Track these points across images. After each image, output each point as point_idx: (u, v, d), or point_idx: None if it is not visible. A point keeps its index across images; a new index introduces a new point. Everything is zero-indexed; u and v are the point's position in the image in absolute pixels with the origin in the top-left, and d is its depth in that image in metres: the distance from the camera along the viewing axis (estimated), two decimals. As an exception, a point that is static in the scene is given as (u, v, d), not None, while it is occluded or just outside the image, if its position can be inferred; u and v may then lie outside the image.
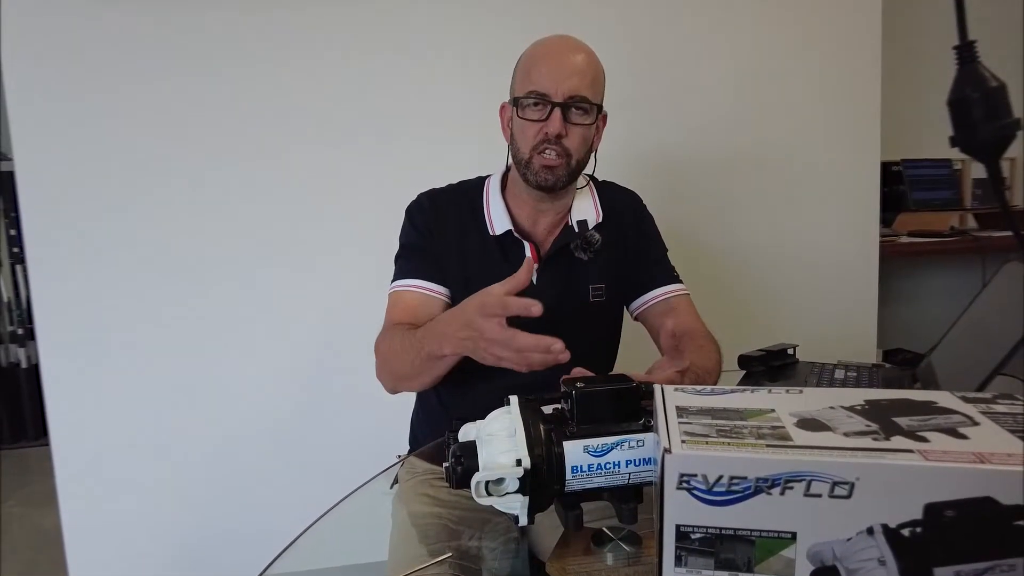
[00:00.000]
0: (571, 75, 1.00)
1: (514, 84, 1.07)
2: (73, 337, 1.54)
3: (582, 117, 1.01)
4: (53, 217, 1.51)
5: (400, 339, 0.99)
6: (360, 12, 1.58)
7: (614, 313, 1.16)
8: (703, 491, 0.43)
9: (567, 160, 1.02)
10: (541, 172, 1.02)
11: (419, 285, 1.07)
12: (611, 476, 0.58)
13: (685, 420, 0.48)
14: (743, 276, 1.86)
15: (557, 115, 0.99)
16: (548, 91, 0.99)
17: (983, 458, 0.41)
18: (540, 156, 1.01)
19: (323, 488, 0.88)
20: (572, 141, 1.02)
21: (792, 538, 0.42)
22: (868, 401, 0.50)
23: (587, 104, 1.01)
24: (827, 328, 1.87)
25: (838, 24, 1.82)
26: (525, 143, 1.02)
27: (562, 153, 1.01)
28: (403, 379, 1.02)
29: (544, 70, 1.00)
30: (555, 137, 1.00)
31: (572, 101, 1.00)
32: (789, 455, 0.42)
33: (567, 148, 1.01)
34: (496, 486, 0.57)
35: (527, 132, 1.02)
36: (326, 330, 1.63)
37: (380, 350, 1.04)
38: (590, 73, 1.01)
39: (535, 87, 1.00)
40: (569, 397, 0.60)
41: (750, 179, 1.83)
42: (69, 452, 1.55)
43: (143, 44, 1.51)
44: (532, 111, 1.01)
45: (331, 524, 0.86)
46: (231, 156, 1.57)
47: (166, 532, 1.61)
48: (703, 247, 1.81)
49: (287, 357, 1.63)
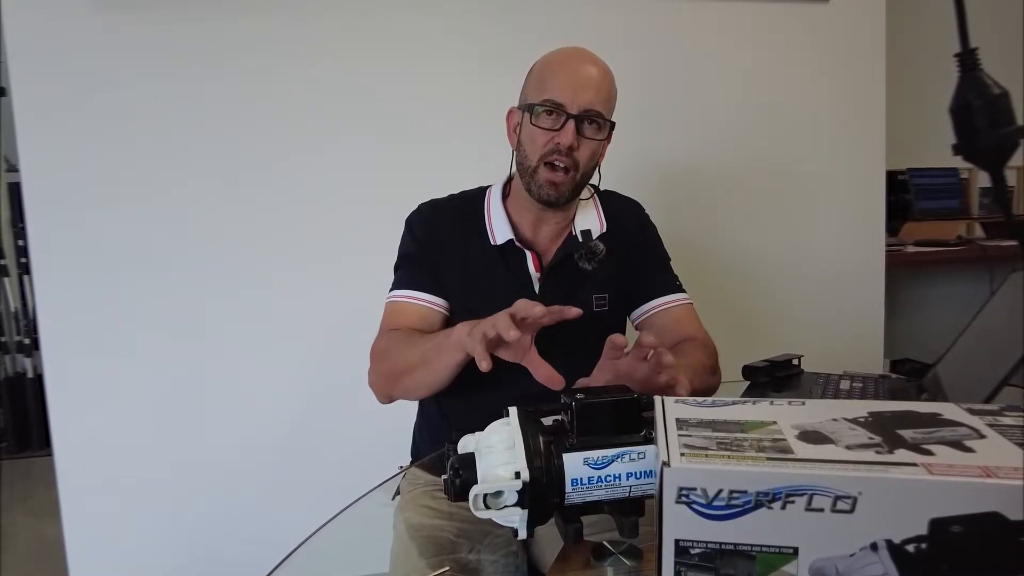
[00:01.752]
0: (587, 88, 0.99)
1: (526, 90, 1.06)
2: (77, 347, 1.54)
3: (595, 132, 1.01)
4: (58, 227, 1.52)
5: (401, 337, 1.01)
6: (366, 21, 1.59)
7: (617, 322, 1.15)
8: (703, 505, 0.42)
9: (573, 175, 1.02)
10: (545, 186, 1.02)
11: (418, 297, 1.07)
12: (611, 489, 0.57)
13: (685, 432, 0.47)
14: (748, 286, 1.85)
15: (571, 127, 0.98)
16: (564, 101, 0.98)
17: (990, 472, 0.40)
18: (547, 169, 1.01)
19: (325, 499, 0.87)
20: (582, 154, 1.01)
21: (794, 553, 0.42)
22: (871, 413, 0.50)
23: (601, 119, 1.01)
24: (833, 338, 1.85)
25: (842, 33, 1.82)
26: (534, 151, 1.02)
27: (570, 167, 1.00)
28: (399, 375, 1.00)
29: (562, 79, 0.99)
30: (567, 149, 0.99)
31: (587, 115, 0.99)
32: (790, 468, 0.41)
33: (576, 160, 1.01)
34: (494, 499, 0.56)
35: (537, 140, 1.01)
36: (330, 340, 1.63)
37: (378, 348, 1.04)
38: (605, 89, 1.01)
39: (551, 96, 0.99)
40: (569, 408, 0.59)
41: (755, 188, 1.82)
42: (72, 462, 1.55)
43: (149, 54, 1.52)
44: (546, 119, 1.00)
45: (332, 535, 0.85)
46: (237, 165, 1.58)
47: (167, 544, 1.60)
48: (707, 256, 1.80)
49: (290, 368, 1.63)
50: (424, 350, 0.96)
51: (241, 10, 1.54)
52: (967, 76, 0.55)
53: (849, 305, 1.90)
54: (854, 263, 1.90)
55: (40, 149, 1.50)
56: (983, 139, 0.54)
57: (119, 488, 1.57)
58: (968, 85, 0.55)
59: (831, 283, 1.89)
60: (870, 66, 1.84)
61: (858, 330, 1.91)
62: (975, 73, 0.55)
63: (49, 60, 1.48)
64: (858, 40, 1.83)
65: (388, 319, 1.09)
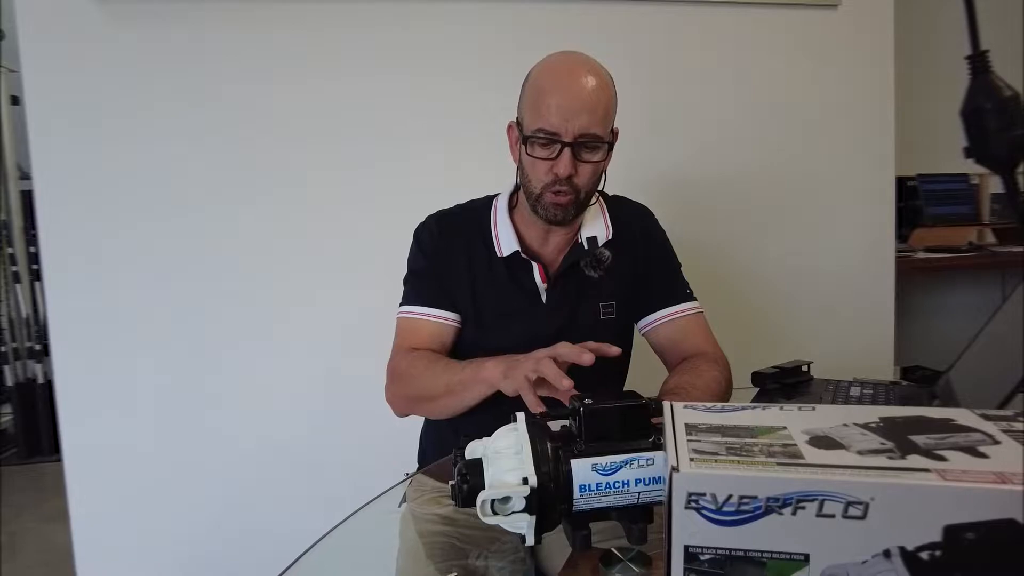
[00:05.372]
0: (581, 111, 0.96)
1: (522, 112, 1.04)
2: (87, 353, 1.55)
3: (592, 155, 1.00)
4: (70, 234, 1.53)
5: (428, 360, 1.01)
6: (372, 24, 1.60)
7: (624, 330, 1.14)
8: (712, 511, 0.41)
9: (576, 196, 1.01)
10: (551, 208, 1.02)
11: (429, 313, 1.07)
12: (620, 495, 0.57)
13: (694, 438, 0.47)
14: (758, 292, 1.84)
15: (567, 156, 0.97)
16: (558, 130, 0.96)
17: (1005, 478, 0.39)
18: (551, 194, 1.00)
19: (332, 505, 0.87)
20: (582, 178, 1.00)
21: (805, 560, 0.41)
22: (883, 418, 0.49)
23: (598, 142, 0.99)
24: (844, 345, 1.84)
25: (851, 38, 1.81)
26: (536, 179, 1.01)
27: (571, 191, 1.00)
28: (420, 401, 1.03)
29: (553, 106, 0.96)
30: (565, 178, 0.99)
31: (583, 140, 0.97)
32: (800, 474, 0.41)
33: (576, 186, 1.00)
34: (502, 505, 0.56)
35: (537, 169, 1.00)
36: (337, 348, 1.63)
37: (398, 370, 1.04)
38: (601, 107, 0.97)
39: (544, 125, 0.97)
40: (577, 414, 0.59)
41: (764, 195, 1.82)
42: (81, 468, 1.56)
43: (161, 63, 1.53)
44: (541, 150, 0.99)
45: (338, 541, 0.85)
46: (247, 172, 1.58)
47: (175, 550, 1.60)
48: (717, 263, 1.80)
49: (298, 376, 1.63)
50: (450, 381, 0.96)
51: (249, 18, 1.56)
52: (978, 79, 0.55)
53: (859, 311, 1.89)
54: (864, 269, 1.89)
55: (52, 157, 1.51)
56: (994, 142, 0.54)
57: (127, 494, 1.57)
58: (979, 88, 0.55)
59: (841, 289, 1.87)
60: (879, 71, 1.83)
61: (868, 337, 1.89)
62: (986, 76, 0.55)
63: (62, 69, 1.50)
64: (867, 45, 1.82)
65: (402, 337, 1.09)
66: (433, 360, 1.03)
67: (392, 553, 0.94)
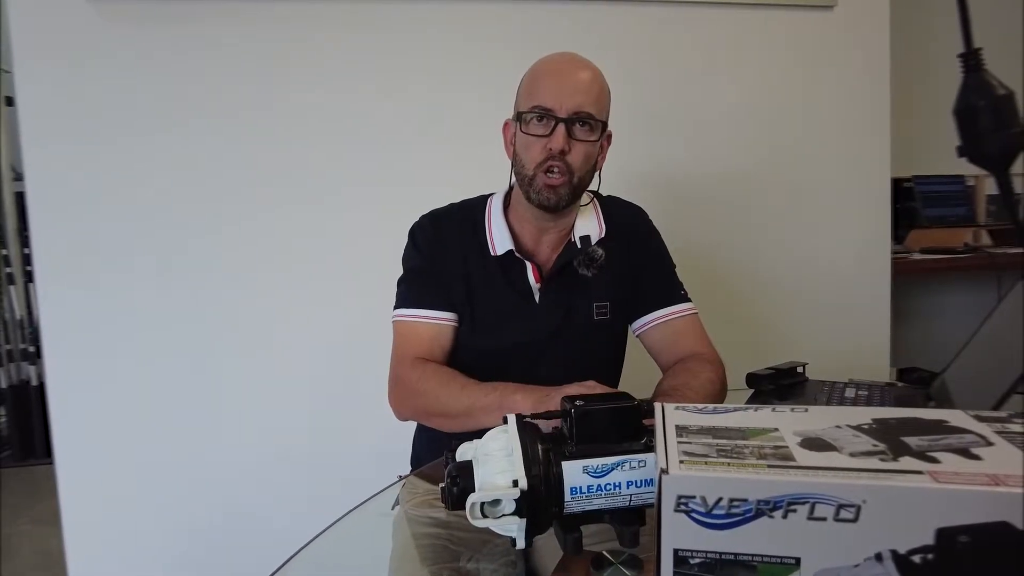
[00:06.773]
0: (576, 92, 0.99)
1: (518, 100, 1.06)
2: (80, 355, 1.54)
3: (586, 133, 1.01)
4: (62, 235, 1.52)
5: (441, 377, 1.01)
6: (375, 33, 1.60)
7: (619, 331, 1.14)
8: (702, 514, 0.41)
9: (570, 178, 1.01)
10: (544, 191, 1.01)
11: (427, 315, 1.07)
12: (611, 498, 0.56)
13: (685, 440, 0.46)
14: (753, 293, 1.83)
15: (561, 130, 0.99)
16: (553, 107, 0.99)
17: (998, 480, 0.39)
18: (544, 175, 1.00)
19: (324, 507, 0.86)
20: (575, 157, 1.00)
21: (796, 564, 0.40)
22: (876, 420, 0.48)
23: (592, 120, 1.00)
24: (839, 346, 1.83)
25: (847, 40, 1.81)
26: (530, 160, 1.02)
27: (564, 170, 1.00)
28: (434, 416, 1.03)
29: (549, 85, 1.00)
30: (559, 153, 0.99)
31: (577, 117, 0.99)
32: (792, 476, 0.40)
33: (570, 164, 1.00)
34: (492, 507, 0.55)
35: (531, 148, 1.01)
36: (330, 351, 1.62)
37: (408, 383, 1.03)
38: (595, 90, 1.01)
39: (539, 102, 0.99)
40: (568, 415, 0.58)
41: (760, 196, 1.81)
42: (73, 471, 1.55)
43: (155, 63, 1.52)
44: (536, 126, 1.00)
45: (330, 543, 0.84)
46: (244, 174, 1.57)
47: (168, 553, 1.59)
48: (712, 264, 1.79)
49: (291, 379, 1.62)
50: (472, 406, 0.95)
51: (247, 17, 1.55)
52: (971, 77, 0.54)
53: (855, 313, 1.89)
54: (860, 271, 1.88)
55: (45, 158, 1.50)
56: (988, 141, 0.53)
57: (120, 497, 1.56)
58: (972, 86, 0.54)
59: (837, 291, 1.87)
60: (875, 72, 1.83)
61: (864, 338, 1.89)
62: (979, 74, 0.54)
63: (55, 70, 1.49)
64: (863, 46, 1.82)
65: (402, 343, 1.08)
66: (448, 377, 1.01)
67: (385, 555, 0.93)
